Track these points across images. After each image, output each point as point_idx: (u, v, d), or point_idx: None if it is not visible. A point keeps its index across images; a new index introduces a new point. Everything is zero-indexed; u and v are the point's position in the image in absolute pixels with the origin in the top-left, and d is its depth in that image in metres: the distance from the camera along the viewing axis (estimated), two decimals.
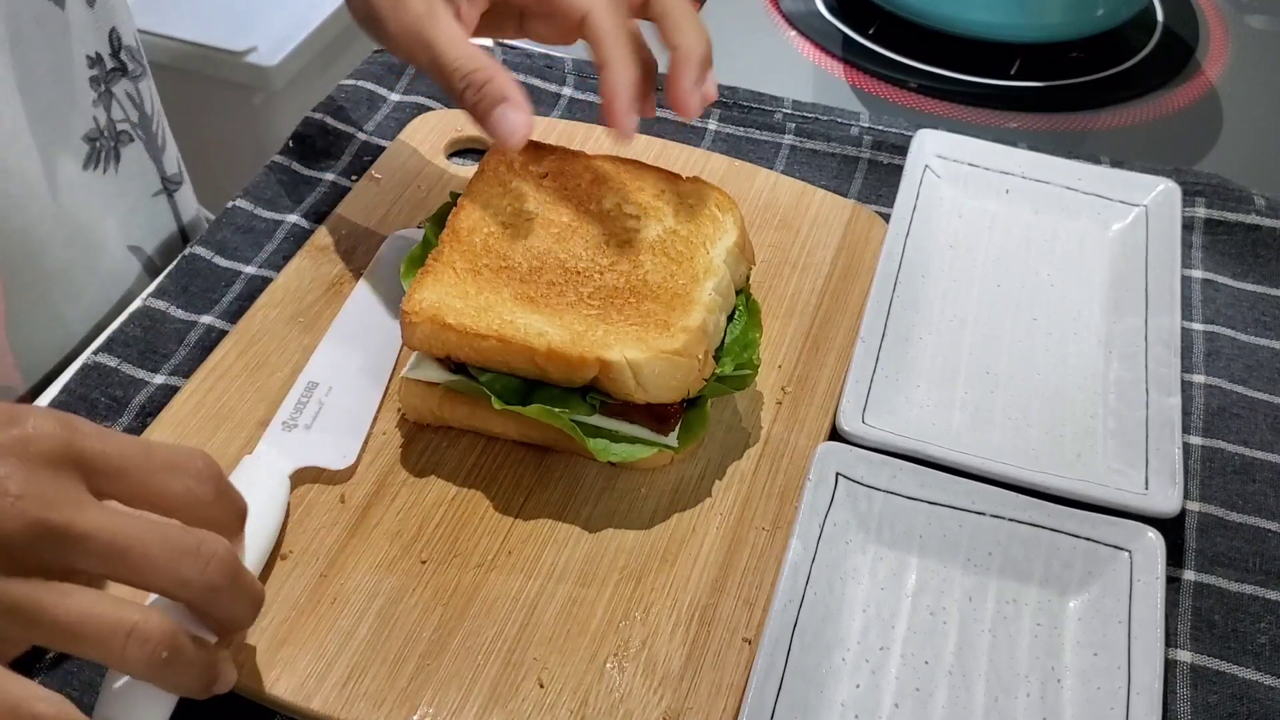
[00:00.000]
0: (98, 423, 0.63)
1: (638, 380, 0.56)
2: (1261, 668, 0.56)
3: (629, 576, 0.58)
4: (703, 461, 0.62)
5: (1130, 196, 0.76)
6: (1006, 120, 0.94)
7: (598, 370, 0.56)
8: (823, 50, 0.99)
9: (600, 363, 0.56)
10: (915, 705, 0.54)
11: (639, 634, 0.55)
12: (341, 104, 0.83)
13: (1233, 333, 0.72)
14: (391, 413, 0.63)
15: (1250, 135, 0.93)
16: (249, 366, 0.65)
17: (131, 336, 0.68)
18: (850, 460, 0.60)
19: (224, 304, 0.70)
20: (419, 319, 0.58)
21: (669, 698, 0.53)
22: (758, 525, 0.60)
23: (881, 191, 0.80)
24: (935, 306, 0.72)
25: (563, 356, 0.56)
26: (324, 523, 0.59)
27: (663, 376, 0.56)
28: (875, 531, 0.60)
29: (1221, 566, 0.60)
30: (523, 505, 0.60)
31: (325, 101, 0.83)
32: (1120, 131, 0.93)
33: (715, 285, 0.60)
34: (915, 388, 0.67)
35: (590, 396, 0.58)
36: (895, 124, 0.85)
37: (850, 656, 0.56)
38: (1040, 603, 0.58)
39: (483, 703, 0.53)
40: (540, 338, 0.57)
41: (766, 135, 0.84)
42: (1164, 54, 1.00)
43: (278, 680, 0.53)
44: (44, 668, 0.54)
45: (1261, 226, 0.77)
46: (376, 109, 0.83)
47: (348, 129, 0.81)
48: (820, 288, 0.72)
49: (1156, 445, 0.62)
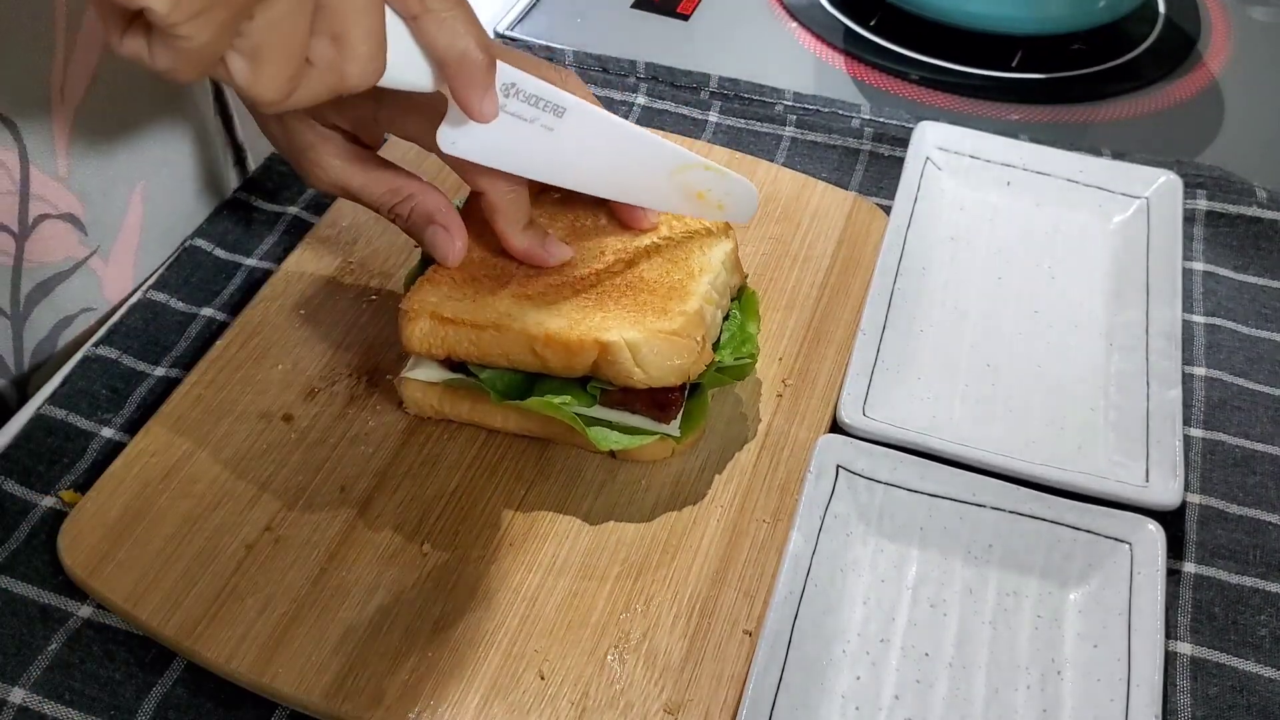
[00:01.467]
0: (98, 416, 0.63)
1: (636, 360, 0.56)
2: (1262, 660, 0.57)
3: (630, 569, 0.58)
4: (703, 454, 0.63)
5: (1132, 189, 0.76)
6: (1008, 112, 0.93)
7: (596, 354, 0.56)
8: (824, 42, 0.99)
9: (599, 345, 0.56)
10: (915, 697, 0.54)
11: (640, 626, 0.56)
12: None
13: (1234, 325, 0.72)
14: (392, 405, 0.63)
15: (1252, 128, 0.92)
16: (250, 358, 0.65)
17: (133, 328, 0.68)
18: (851, 452, 0.60)
19: (225, 296, 0.70)
20: (418, 314, 0.58)
21: (670, 689, 0.53)
22: (758, 517, 0.60)
23: (883, 184, 0.80)
24: (936, 299, 0.72)
25: (561, 341, 0.56)
26: (325, 514, 0.59)
27: (662, 355, 0.56)
28: (876, 524, 0.60)
29: (1222, 559, 0.60)
30: (524, 498, 0.60)
31: None
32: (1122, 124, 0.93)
33: (711, 281, 0.60)
34: (916, 380, 0.67)
35: (590, 386, 0.58)
36: (896, 116, 0.85)
37: (850, 648, 0.56)
38: (1040, 595, 0.58)
39: (484, 694, 0.53)
40: (539, 326, 0.57)
41: (767, 127, 0.83)
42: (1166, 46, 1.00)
43: (279, 672, 0.53)
44: (42, 667, 0.54)
45: (1263, 219, 0.77)
46: None
47: None
48: (821, 280, 0.72)
49: (1157, 437, 0.62)
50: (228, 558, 0.57)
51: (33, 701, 0.53)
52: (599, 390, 0.58)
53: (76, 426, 0.63)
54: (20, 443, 0.62)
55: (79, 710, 0.53)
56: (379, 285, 0.70)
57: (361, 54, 0.42)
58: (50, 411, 0.64)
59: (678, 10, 0.99)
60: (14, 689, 0.53)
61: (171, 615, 0.54)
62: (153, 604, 0.55)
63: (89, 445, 0.63)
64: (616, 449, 0.59)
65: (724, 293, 0.62)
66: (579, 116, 0.55)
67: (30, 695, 0.53)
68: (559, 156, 0.56)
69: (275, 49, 0.40)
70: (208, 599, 0.55)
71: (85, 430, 0.63)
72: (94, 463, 0.62)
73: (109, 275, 0.70)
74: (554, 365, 0.58)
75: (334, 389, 0.64)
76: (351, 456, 0.61)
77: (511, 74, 0.51)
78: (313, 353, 0.66)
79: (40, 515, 0.59)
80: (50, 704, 0.53)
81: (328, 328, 0.67)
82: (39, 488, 0.61)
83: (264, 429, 0.62)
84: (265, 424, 0.62)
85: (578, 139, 0.56)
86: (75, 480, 0.61)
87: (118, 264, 0.70)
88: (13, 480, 0.61)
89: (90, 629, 0.55)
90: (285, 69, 0.41)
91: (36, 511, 0.60)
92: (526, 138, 0.53)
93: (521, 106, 0.52)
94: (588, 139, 0.56)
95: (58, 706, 0.53)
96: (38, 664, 0.54)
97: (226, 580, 0.56)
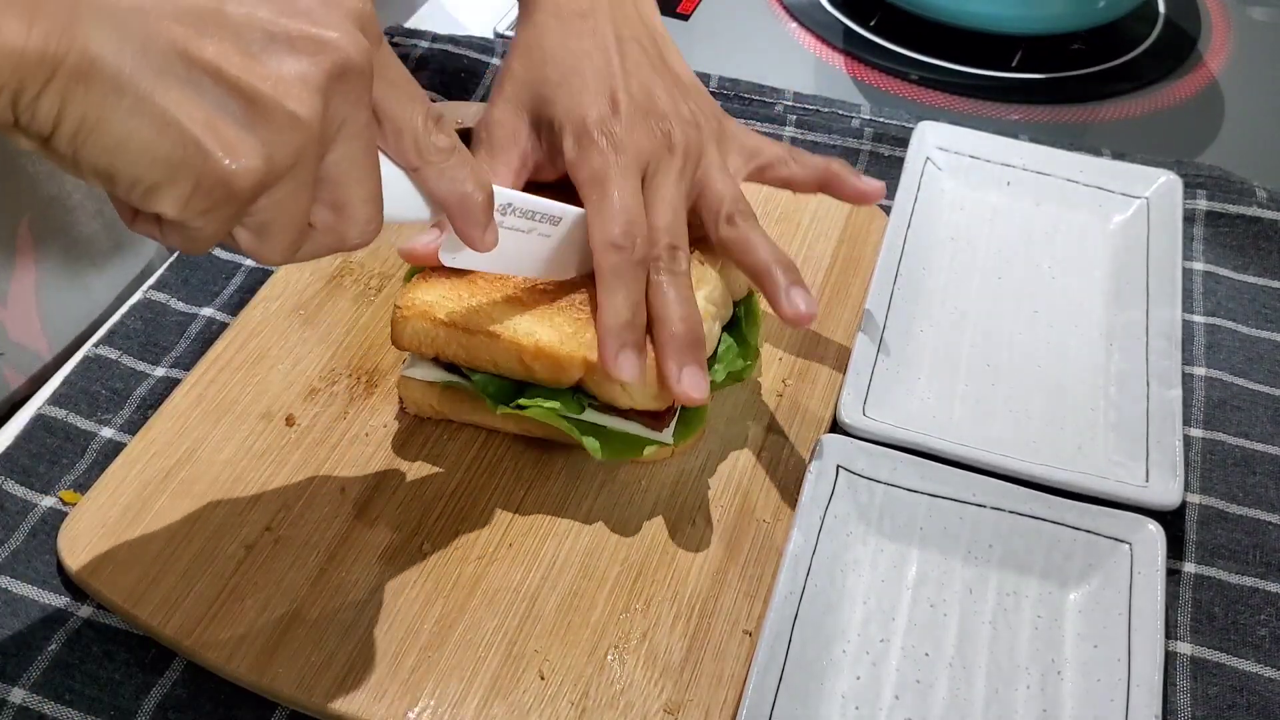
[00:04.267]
0: (98, 417, 0.63)
1: (623, 386, 0.56)
2: (1261, 660, 0.57)
3: (630, 569, 0.58)
4: (703, 454, 0.62)
5: (1131, 189, 0.76)
6: (1008, 112, 0.93)
7: (583, 371, 0.56)
8: (824, 42, 0.99)
9: (586, 364, 0.56)
10: (915, 697, 0.54)
11: (640, 626, 0.55)
12: None
13: (1234, 325, 0.72)
14: (392, 405, 0.63)
15: (1252, 127, 0.92)
16: (250, 359, 0.65)
17: (132, 329, 0.68)
18: (851, 452, 0.60)
19: (224, 296, 0.70)
20: (410, 314, 0.58)
21: (670, 689, 0.53)
22: (758, 517, 0.60)
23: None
24: (936, 299, 0.72)
25: (550, 355, 0.56)
26: (325, 514, 0.59)
27: (650, 386, 0.56)
28: (876, 523, 0.60)
29: (1222, 559, 0.60)
30: (523, 498, 0.60)
31: None
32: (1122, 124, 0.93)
33: (708, 294, 0.59)
34: (916, 380, 0.67)
35: (578, 395, 0.58)
36: (896, 116, 0.85)
37: (851, 648, 0.56)
38: (1040, 595, 0.58)
39: (484, 694, 0.53)
40: (529, 337, 0.57)
41: (768, 127, 0.83)
42: (1165, 46, 1.00)
43: (279, 672, 0.53)
44: (42, 667, 0.54)
45: (1263, 219, 0.77)
46: None
47: None
48: (821, 280, 0.72)
49: (1157, 437, 0.62)
50: (228, 558, 0.57)
51: (33, 701, 0.53)
52: (586, 401, 0.58)
53: (76, 426, 0.63)
54: (20, 443, 0.62)
55: (79, 710, 0.53)
56: (379, 285, 0.70)
57: (361, 218, 0.44)
58: (50, 411, 0.64)
59: (678, 10, 0.99)
60: (14, 689, 0.53)
61: (171, 615, 0.54)
62: (153, 604, 0.55)
63: (89, 445, 0.63)
64: (612, 459, 0.59)
65: (723, 303, 0.61)
66: (574, 222, 0.57)
67: (30, 695, 0.53)
68: (557, 257, 0.58)
69: (279, 225, 0.41)
70: (208, 599, 0.55)
71: (85, 430, 0.63)
72: (94, 463, 0.62)
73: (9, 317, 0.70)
74: (541, 376, 0.58)
75: (334, 389, 0.64)
76: (351, 456, 0.61)
77: (508, 195, 0.53)
78: (313, 353, 0.66)
79: (40, 515, 0.59)
80: (50, 704, 0.53)
81: (328, 328, 0.67)
82: (39, 488, 0.61)
83: (264, 429, 0.62)
84: (265, 424, 0.62)
85: (575, 241, 0.57)
86: (75, 480, 0.61)
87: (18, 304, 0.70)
88: (13, 480, 0.61)
89: (90, 629, 0.55)
90: (289, 239, 0.42)
91: (36, 511, 0.60)
92: (525, 246, 0.55)
93: (519, 221, 0.54)
94: (580, 241, 0.58)
95: (58, 706, 0.53)
96: (38, 664, 0.54)
97: (226, 580, 0.56)
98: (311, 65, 0.39)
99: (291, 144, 0.39)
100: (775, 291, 0.58)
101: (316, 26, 0.40)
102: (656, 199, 0.58)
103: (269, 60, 0.39)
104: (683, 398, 0.55)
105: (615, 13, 0.63)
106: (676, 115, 0.60)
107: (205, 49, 0.38)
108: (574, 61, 0.60)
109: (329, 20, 0.40)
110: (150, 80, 0.37)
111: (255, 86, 0.38)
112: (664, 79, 0.62)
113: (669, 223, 0.58)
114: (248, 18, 0.39)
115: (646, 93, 0.60)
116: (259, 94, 0.38)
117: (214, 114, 0.38)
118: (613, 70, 0.60)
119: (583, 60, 0.60)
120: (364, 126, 0.42)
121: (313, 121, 0.39)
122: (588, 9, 0.62)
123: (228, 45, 0.38)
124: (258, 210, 0.40)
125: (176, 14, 0.38)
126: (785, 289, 0.58)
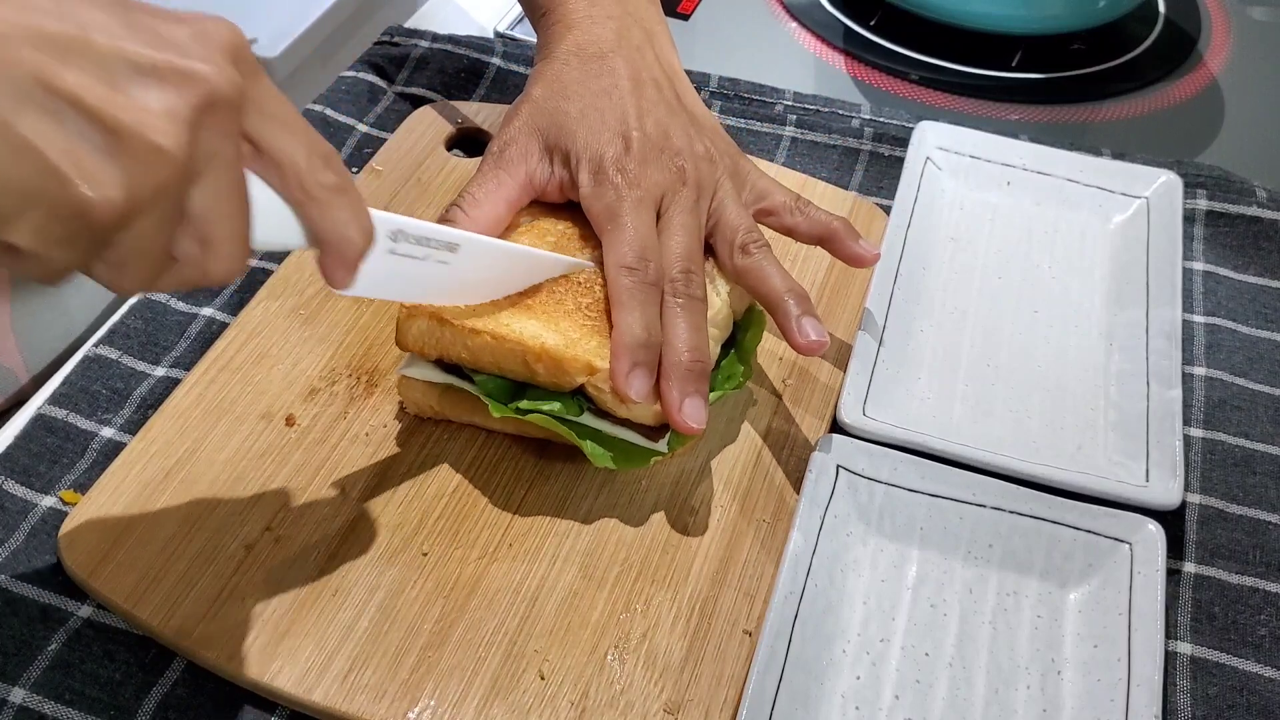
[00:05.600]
0: (98, 416, 0.63)
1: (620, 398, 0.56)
2: (1261, 660, 0.57)
3: (630, 569, 0.58)
4: (703, 454, 0.62)
5: (1131, 189, 0.76)
6: (1008, 112, 0.93)
7: (585, 375, 0.56)
8: (824, 42, 0.99)
9: (589, 368, 0.56)
10: (915, 697, 0.54)
11: (640, 626, 0.56)
12: (342, 96, 0.83)
13: (1234, 325, 0.72)
14: (392, 405, 0.63)
15: (1252, 127, 0.92)
16: (250, 359, 0.65)
17: (132, 328, 0.68)
18: (851, 452, 0.60)
19: (225, 296, 0.70)
20: (417, 313, 0.58)
21: (670, 690, 0.53)
22: (758, 517, 0.60)
23: (882, 184, 0.80)
24: (936, 299, 0.72)
25: (554, 357, 0.56)
26: (325, 514, 0.59)
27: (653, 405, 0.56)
28: (876, 523, 0.60)
29: (1222, 559, 0.60)
30: (523, 498, 0.60)
31: (326, 93, 0.82)
32: (1122, 124, 0.93)
33: (710, 317, 0.59)
34: (916, 380, 0.67)
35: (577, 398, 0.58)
36: (896, 116, 0.85)
37: (851, 648, 0.56)
38: (1040, 595, 0.58)
39: (484, 695, 0.53)
40: (535, 339, 0.57)
41: (767, 127, 0.83)
42: (1165, 46, 1.00)
43: (279, 672, 0.53)
44: (42, 667, 0.54)
45: (1263, 219, 0.77)
46: (377, 101, 0.83)
47: (348, 121, 0.81)
48: (821, 280, 0.72)
49: (1157, 437, 0.62)
50: (228, 558, 0.57)
51: (33, 701, 0.53)
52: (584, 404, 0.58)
53: (76, 426, 0.63)
54: (20, 443, 0.62)
55: (79, 710, 0.53)
56: None
57: (225, 254, 0.43)
58: (50, 411, 0.64)
59: (678, 10, 0.99)
60: (14, 689, 0.53)
61: (171, 615, 0.54)
62: (153, 604, 0.55)
63: (89, 445, 0.63)
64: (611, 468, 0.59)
65: (725, 324, 0.61)
66: (472, 249, 0.56)
67: (30, 695, 0.53)
68: (456, 284, 0.57)
69: (138, 261, 0.40)
70: (208, 599, 0.55)
71: (85, 430, 0.63)
72: (94, 463, 0.62)
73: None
74: (543, 379, 0.57)
75: (334, 389, 0.64)
76: (351, 456, 0.61)
77: (397, 222, 0.52)
78: (313, 353, 0.66)
79: (40, 515, 0.59)
80: (50, 704, 0.53)
81: (328, 328, 0.67)
82: (39, 488, 0.61)
83: (264, 429, 0.62)
84: (265, 424, 0.62)
85: (474, 268, 0.57)
86: (75, 480, 0.61)
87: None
88: (13, 480, 0.61)
89: (90, 629, 0.55)
90: (147, 272, 0.41)
91: (36, 511, 0.60)
92: (422, 272, 0.55)
93: (411, 248, 0.53)
94: (483, 268, 0.58)
95: (58, 706, 0.53)
96: (38, 664, 0.54)
97: (226, 580, 0.56)
98: (178, 97, 0.39)
99: (154, 176, 0.38)
100: (788, 321, 0.60)
101: (185, 58, 0.39)
102: (671, 227, 0.60)
103: (134, 91, 0.38)
104: (681, 427, 0.56)
105: (634, 55, 0.65)
106: (690, 151, 0.62)
107: (66, 78, 0.37)
108: (593, 99, 0.62)
109: (198, 53, 0.39)
110: (8, 106, 0.36)
111: (117, 117, 0.37)
112: (679, 118, 0.64)
113: (684, 249, 0.59)
114: (113, 48, 0.38)
115: (662, 130, 0.62)
116: (120, 125, 0.37)
117: (75, 143, 0.37)
118: (629, 109, 0.62)
119: (601, 98, 0.62)
120: (232, 161, 0.41)
121: (177, 154, 0.38)
122: (609, 50, 0.64)
123: (90, 75, 0.37)
124: (117, 242, 0.39)
125: (38, 41, 0.37)
126: (797, 319, 0.59)
